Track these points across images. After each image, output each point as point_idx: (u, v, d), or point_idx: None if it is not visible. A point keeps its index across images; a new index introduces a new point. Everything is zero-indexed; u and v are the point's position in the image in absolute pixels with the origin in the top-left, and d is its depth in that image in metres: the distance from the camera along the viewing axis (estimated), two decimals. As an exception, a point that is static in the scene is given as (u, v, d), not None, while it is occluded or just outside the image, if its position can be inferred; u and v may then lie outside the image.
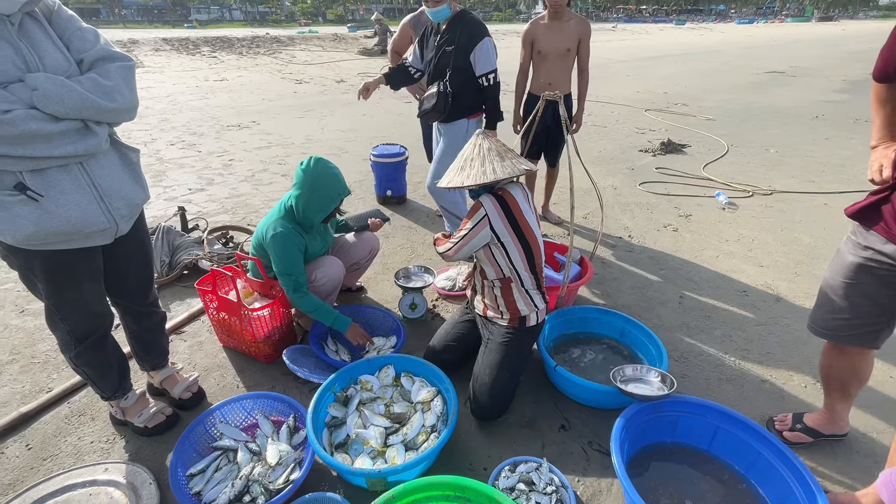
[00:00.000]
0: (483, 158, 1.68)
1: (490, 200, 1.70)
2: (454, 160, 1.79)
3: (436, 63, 2.61)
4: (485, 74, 2.55)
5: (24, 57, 1.18)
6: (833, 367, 1.57)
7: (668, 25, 52.74)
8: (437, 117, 2.66)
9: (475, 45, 2.50)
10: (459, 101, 2.58)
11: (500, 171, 1.64)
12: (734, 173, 4.65)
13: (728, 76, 11.81)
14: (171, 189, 4.33)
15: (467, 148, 1.75)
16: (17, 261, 1.35)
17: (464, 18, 2.55)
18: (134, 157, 1.46)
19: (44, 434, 1.76)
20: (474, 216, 1.71)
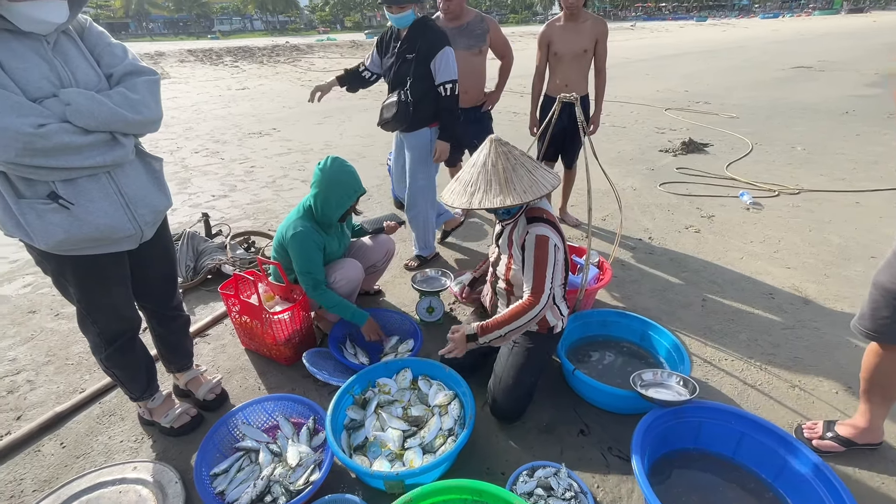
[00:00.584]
0: (524, 171, 1.57)
1: (550, 230, 1.64)
2: (465, 171, 1.64)
3: (396, 70, 2.56)
4: (444, 83, 2.52)
5: (58, 73, 1.24)
6: (879, 369, 1.50)
7: (688, 22, 51.73)
8: (399, 126, 2.61)
9: (436, 53, 2.47)
10: (421, 110, 2.54)
11: (519, 196, 1.52)
12: (759, 172, 4.53)
13: (752, 72, 11.51)
14: (195, 196, 4.46)
15: (481, 158, 1.59)
16: (50, 266, 1.42)
17: (425, 26, 2.51)
18: (157, 166, 1.52)
19: (77, 433, 1.83)
20: (549, 250, 1.61)
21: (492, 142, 1.62)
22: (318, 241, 2.05)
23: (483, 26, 3.01)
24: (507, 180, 1.55)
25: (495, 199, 1.53)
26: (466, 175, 1.62)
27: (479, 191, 1.56)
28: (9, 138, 1.11)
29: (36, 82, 1.19)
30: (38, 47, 1.21)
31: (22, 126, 1.12)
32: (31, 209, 1.24)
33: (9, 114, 1.11)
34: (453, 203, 1.60)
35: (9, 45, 1.17)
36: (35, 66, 1.20)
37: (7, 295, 2.82)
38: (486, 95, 3.24)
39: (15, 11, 1.13)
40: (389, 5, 2.41)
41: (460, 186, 1.62)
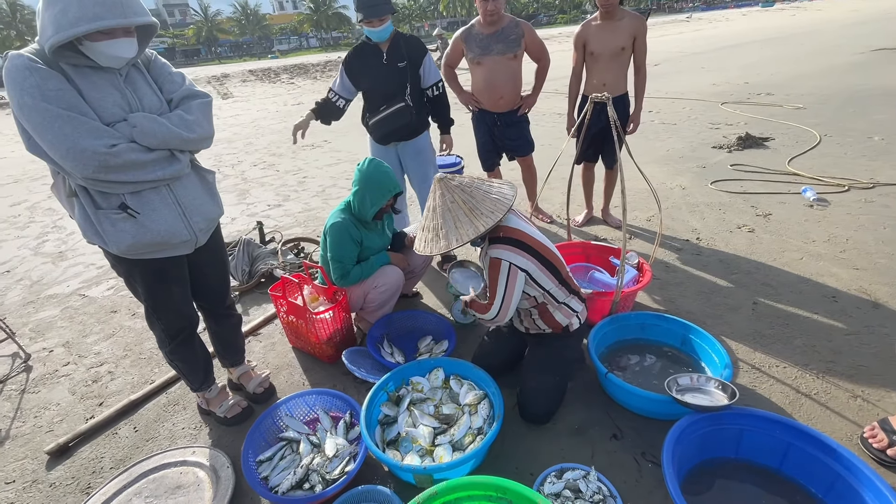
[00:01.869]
0: (482, 194, 1.62)
1: (505, 249, 1.64)
2: (427, 219, 1.70)
3: (390, 81, 2.63)
4: (434, 84, 2.69)
5: (128, 100, 1.43)
6: None
7: (752, 9, 48.28)
8: (404, 134, 2.72)
9: (423, 58, 2.63)
10: (419, 115, 2.69)
11: (489, 218, 1.58)
12: (826, 166, 4.17)
13: (823, 58, 10.57)
14: (252, 206, 4.80)
15: (436, 201, 1.66)
16: (122, 269, 1.62)
17: (402, 35, 2.64)
18: (210, 178, 1.69)
19: (147, 419, 2.05)
20: (500, 271, 1.64)
21: (438, 181, 1.67)
22: (355, 234, 2.19)
23: (518, 31, 3.03)
24: (472, 209, 1.60)
25: (469, 231, 1.58)
26: (430, 222, 1.66)
27: (451, 231, 1.60)
28: (88, 157, 1.30)
29: (110, 109, 1.39)
30: (113, 79, 1.41)
31: (98, 147, 1.31)
32: (107, 218, 1.43)
33: (88, 136, 1.30)
34: (432, 252, 1.63)
35: (89, 79, 1.37)
36: (109, 95, 1.39)
37: (94, 297, 3.20)
38: (522, 99, 3.25)
39: (95, 50, 1.32)
40: (370, 19, 2.46)
41: (431, 234, 1.65)
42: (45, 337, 2.77)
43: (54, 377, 2.40)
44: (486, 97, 3.21)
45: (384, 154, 2.89)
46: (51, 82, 1.28)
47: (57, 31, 1.24)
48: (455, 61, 3.32)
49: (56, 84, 1.29)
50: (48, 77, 1.28)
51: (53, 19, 1.24)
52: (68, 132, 1.28)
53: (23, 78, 1.25)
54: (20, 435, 2.04)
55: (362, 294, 2.33)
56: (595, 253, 2.72)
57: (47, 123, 1.27)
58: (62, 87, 1.30)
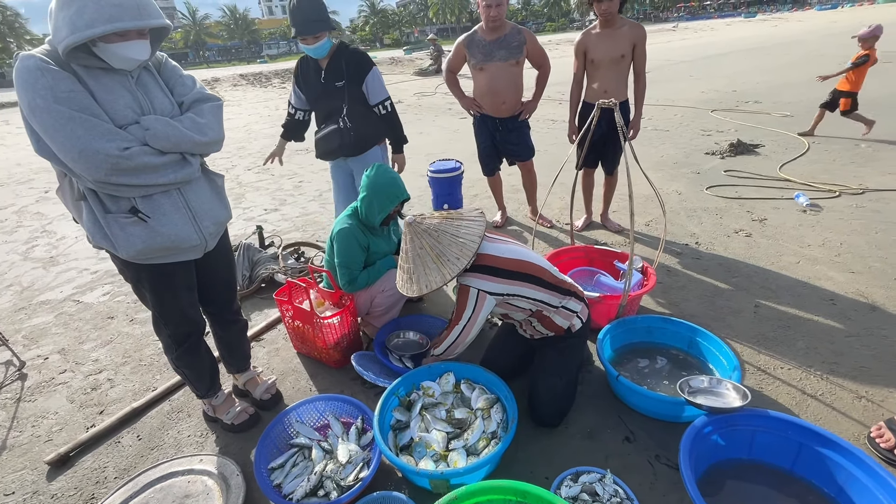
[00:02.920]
0: (449, 239, 1.64)
1: (475, 277, 1.66)
2: (402, 259, 1.73)
3: (327, 101, 2.55)
4: (380, 103, 2.56)
5: (139, 103, 1.41)
6: None
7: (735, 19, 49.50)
8: (345, 153, 2.64)
9: (365, 75, 2.50)
10: (363, 133, 2.56)
11: (455, 265, 1.61)
12: (817, 172, 4.28)
13: (807, 68, 10.85)
14: (249, 210, 4.75)
15: (407, 244, 1.69)
16: (130, 274, 1.59)
17: (346, 51, 2.50)
18: (219, 182, 1.67)
19: (150, 427, 2.00)
20: (468, 298, 1.67)
21: (408, 225, 1.70)
22: (362, 239, 2.19)
23: (520, 38, 3.07)
24: (439, 255, 1.64)
25: (436, 278, 1.62)
26: (404, 263, 1.72)
27: (420, 276, 1.65)
28: (100, 160, 1.28)
29: (122, 111, 1.37)
30: (125, 81, 1.39)
31: (110, 149, 1.28)
32: (116, 222, 1.40)
33: (100, 139, 1.28)
34: (408, 294, 1.69)
35: (101, 81, 1.34)
36: (121, 98, 1.37)
37: (90, 302, 3.13)
38: (523, 105, 3.28)
39: (109, 52, 1.30)
40: (304, 36, 2.35)
41: (406, 275, 1.70)
42: (40, 344, 2.70)
43: (51, 385, 2.34)
44: (488, 102, 3.23)
45: (335, 167, 2.85)
46: (63, 84, 1.26)
47: (72, 32, 1.22)
48: (457, 67, 3.34)
49: (68, 85, 1.27)
50: (60, 78, 1.26)
51: (69, 20, 1.22)
52: (81, 134, 1.26)
53: (34, 79, 1.23)
54: (17, 445, 1.98)
55: (369, 298, 2.32)
56: (598, 257, 2.75)
57: (59, 125, 1.25)
58: (74, 88, 1.28)
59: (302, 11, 2.32)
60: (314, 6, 2.33)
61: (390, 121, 2.66)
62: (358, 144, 2.60)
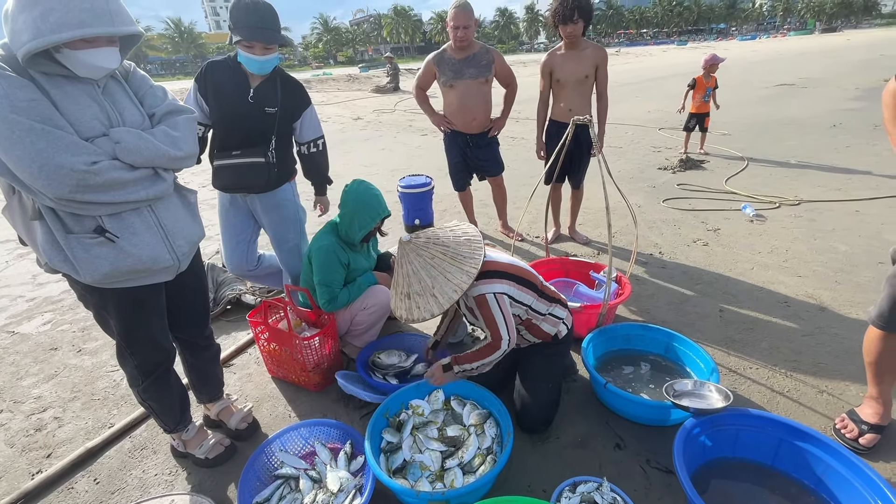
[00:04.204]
0: (448, 260, 1.59)
1: (482, 284, 1.64)
2: (397, 278, 1.65)
3: (251, 124, 2.11)
4: (313, 141, 2.31)
5: (107, 114, 1.30)
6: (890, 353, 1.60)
7: (670, 47, 53.62)
8: (258, 190, 2.23)
9: (303, 110, 2.22)
10: (283, 169, 2.23)
11: (474, 259, 1.58)
12: (758, 186, 4.65)
13: (737, 92, 11.89)
14: (210, 228, 4.50)
15: (412, 264, 1.60)
16: (92, 300, 1.44)
17: (285, 77, 2.18)
18: (192, 199, 1.57)
19: (109, 468, 1.81)
20: (490, 305, 1.63)
21: (405, 244, 1.63)
22: (343, 257, 2.13)
23: (489, 57, 3.15)
24: (454, 257, 1.59)
25: (462, 278, 1.55)
26: (416, 286, 1.61)
27: (444, 285, 1.57)
28: (64, 175, 1.16)
29: (88, 122, 1.25)
30: (91, 90, 1.28)
31: (76, 164, 1.17)
32: (79, 243, 1.27)
33: (64, 153, 1.16)
34: (433, 315, 1.58)
35: (64, 90, 1.23)
36: (87, 108, 1.26)
37: (27, 333, 2.82)
38: (492, 122, 3.36)
39: (74, 58, 1.19)
40: (253, 42, 1.94)
41: (421, 299, 1.60)
42: (-31, 383, 2.40)
43: (-15, 428, 2.07)
44: (459, 119, 3.28)
45: (232, 203, 2.36)
46: (22, 92, 1.14)
47: (35, 37, 1.11)
48: (427, 84, 3.38)
49: (28, 94, 1.15)
50: (19, 86, 1.14)
51: (32, 23, 1.11)
52: (42, 147, 1.14)
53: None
54: (-55, 500, 1.73)
55: (349, 317, 2.25)
56: (574, 268, 2.82)
57: (16, 137, 1.12)
58: (35, 97, 1.16)
59: (259, 15, 1.91)
60: (273, 13, 1.97)
61: (319, 160, 2.37)
62: (277, 182, 2.24)
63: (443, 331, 2.10)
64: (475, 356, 1.72)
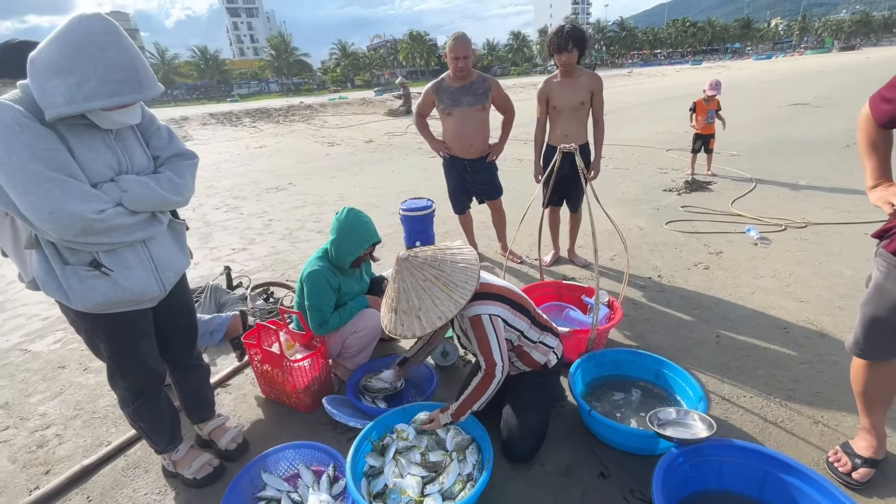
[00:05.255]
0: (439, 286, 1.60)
1: (478, 304, 1.66)
2: (389, 293, 1.67)
3: None
4: None
5: (118, 159, 1.39)
6: (884, 381, 1.56)
7: (684, 66, 53.72)
8: None
9: None
10: None
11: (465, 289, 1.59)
12: (764, 207, 4.59)
13: (749, 111, 11.82)
14: (216, 249, 4.65)
15: (405, 282, 1.61)
16: (83, 325, 1.52)
17: None
18: (180, 230, 1.65)
19: (103, 486, 1.86)
20: (485, 326, 1.65)
21: (403, 261, 1.64)
22: (334, 281, 2.18)
23: (486, 85, 3.25)
24: (446, 283, 1.60)
25: (449, 306, 1.57)
26: (405, 304, 1.62)
27: (430, 309, 1.58)
28: (73, 221, 1.23)
29: (100, 169, 1.34)
30: (105, 137, 1.36)
31: (85, 212, 1.25)
32: (75, 274, 1.35)
33: (76, 201, 1.24)
34: (415, 335, 1.59)
35: (82, 138, 1.31)
36: (101, 155, 1.34)
37: (39, 351, 2.94)
38: (490, 147, 3.43)
39: (103, 117, 1.28)
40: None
41: (406, 317, 1.61)
42: (-20, 399, 2.50)
43: (-10, 444, 2.15)
44: (456, 145, 3.37)
45: None
46: (43, 141, 1.22)
47: (69, 103, 1.18)
48: (426, 111, 3.48)
49: (48, 143, 1.23)
50: (40, 136, 1.22)
51: (67, 90, 1.17)
52: (56, 195, 1.21)
53: (12, 134, 1.18)
54: (-53, 514, 1.80)
55: (340, 340, 2.29)
56: (567, 292, 2.82)
57: (33, 185, 1.19)
58: (55, 146, 1.24)
59: None
60: None
61: None
62: None
63: (415, 351, 2.12)
64: (473, 397, 1.70)
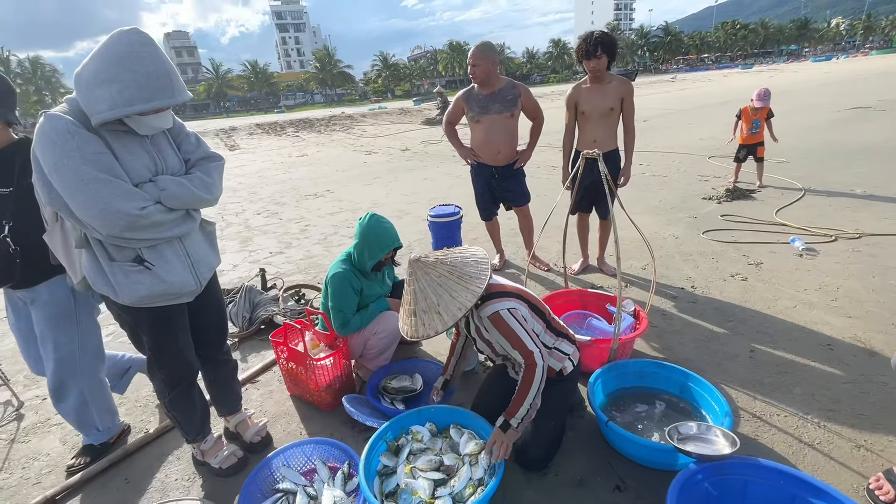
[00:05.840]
0: (454, 280, 1.61)
1: (495, 302, 1.66)
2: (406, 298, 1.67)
3: None
4: None
5: (154, 162, 1.53)
6: None
7: (732, 71, 51.41)
8: (6, 283, 1.79)
9: None
10: (37, 258, 1.72)
11: (479, 279, 1.60)
12: (813, 217, 4.32)
13: (803, 116, 11.17)
14: (255, 252, 4.88)
15: (420, 282, 1.63)
16: (128, 319, 1.64)
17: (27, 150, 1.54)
18: (211, 230, 1.77)
19: (140, 469, 2.00)
20: (507, 320, 1.64)
21: (415, 262, 1.66)
22: (356, 284, 2.25)
23: (514, 92, 3.26)
24: (460, 276, 1.61)
25: (467, 296, 1.58)
26: (422, 304, 1.64)
27: (449, 303, 1.59)
28: (119, 218, 1.37)
29: (139, 171, 1.48)
30: (143, 142, 1.51)
31: (130, 209, 1.38)
32: (121, 270, 1.48)
33: (121, 199, 1.37)
34: (437, 332, 1.59)
35: (123, 143, 1.46)
36: (140, 158, 1.48)
37: (92, 343, 3.18)
38: (518, 154, 3.44)
39: (140, 122, 1.42)
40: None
41: (426, 316, 1.62)
42: (39, 384, 2.74)
43: (45, 426, 2.36)
44: (484, 152, 3.39)
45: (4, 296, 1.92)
46: (91, 146, 1.36)
47: (111, 109, 1.32)
48: (456, 119, 3.53)
49: (96, 147, 1.37)
50: (88, 141, 1.36)
51: (109, 97, 1.32)
52: (105, 194, 1.35)
53: (64, 141, 1.32)
54: (6, 487, 1.98)
55: (362, 341, 2.35)
56: (592, 301, 2.77)
57: (83, 185, 1.33)
58: (101, 150, 1.38)
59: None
60: None
61: None
62: (23, 273, 1.77)
63: (451, 370, 2.09)
64: (521, 395, 1.65)
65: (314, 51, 77.96)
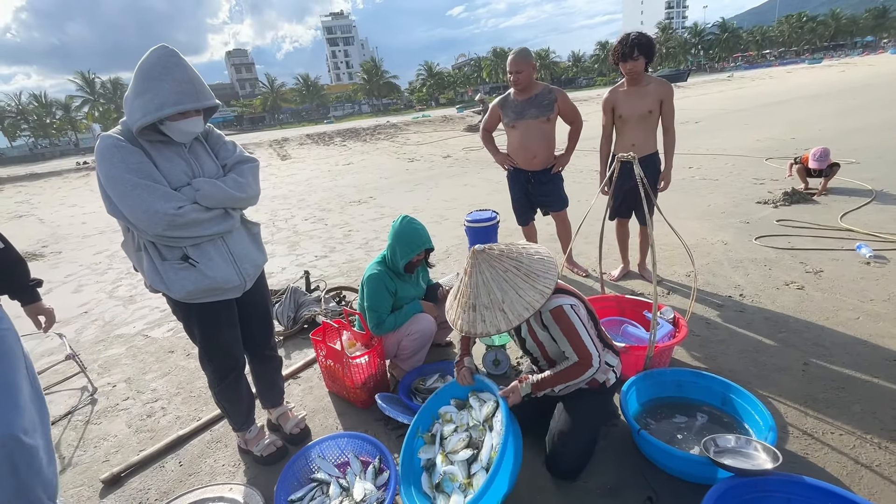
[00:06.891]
0: (521, 276, 1.56)
1: (557, 297, 1.65)
2: (462, 289, 1.60)
3: None
4: None
5: (192, 168, 1.68)
6: None
7: (797, 66, 47.94)
8: None
9: None
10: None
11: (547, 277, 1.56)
12: (884, 222, 3.97)
13: (878, 113, 10.24)
14: (301, 256, 5.13)
15: (484, 274, 1.56)
16: (181, 313, 1.80)
17: None
18: (255, 230, 1.91)
19: (192, 454, 2.17)
20: (569, 316, 1.61)
21: (478, 253, 1.59)
22: (390, 284, 2.34)
23: (551, 97, 3.26)
24: (527, 274, 1.54)
25: (535, 296, 1.51)
26: (485, 298, 1.55)
27: (515, 301, 1.52)
28: (159, 217, 1.53)
29: (178, 176, 1.64)
30: (180, 150, 1.67)
31: (168, 209, 1.54)
32: (171, 268, 1.64)
33: (160, 200, 1.53)
34: (501, 330, 1.52)
35: (162, 152, 1.63)
36: (178, 165, 1.65)
37: (156, 337, 3.48)
38: (555, 158, 3.42)
39: (173, 128, 1.59)
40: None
41: (489, 312, 1.53)
42: (111, 372, 3.03)
43: (115, 410, 2.60)
44: (520, 157, 3.40)
45: None
46: (133, 157, 1.54)
47: (145, 115, 1.51)
48: (492, 126, 3.57)
49: (137, 158, 1.55)
50: (131, 153, 1.54)
51: (142, 105, 1.51)
52: (146, 197, 1.52)
53: (111, 154, 1.52)
54: (80, 463, 2.21)
55: (396, 341, 2.43)
56: (629, 307, 2.70)
57: (128, 190, 1.51)
58: (142, 160, 1.56)
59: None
60: None
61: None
62: None
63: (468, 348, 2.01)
64: (560, 378, 1.62)
65: (362, 62, 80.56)
